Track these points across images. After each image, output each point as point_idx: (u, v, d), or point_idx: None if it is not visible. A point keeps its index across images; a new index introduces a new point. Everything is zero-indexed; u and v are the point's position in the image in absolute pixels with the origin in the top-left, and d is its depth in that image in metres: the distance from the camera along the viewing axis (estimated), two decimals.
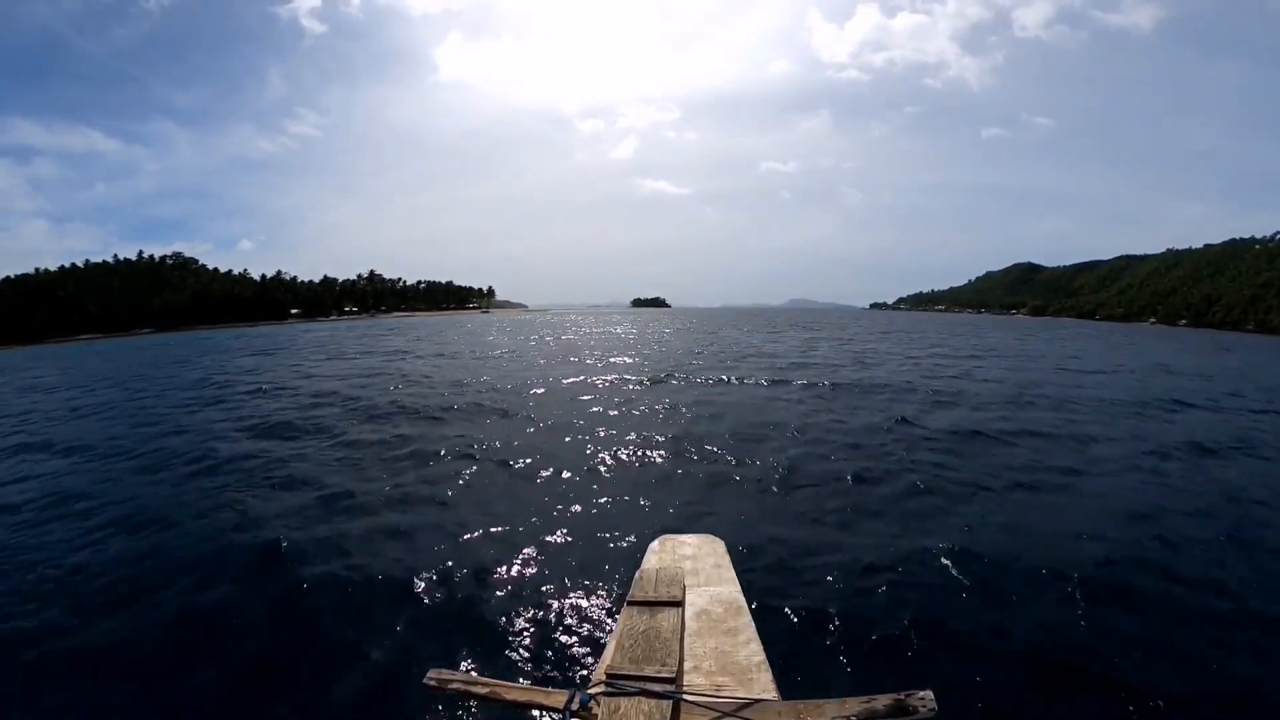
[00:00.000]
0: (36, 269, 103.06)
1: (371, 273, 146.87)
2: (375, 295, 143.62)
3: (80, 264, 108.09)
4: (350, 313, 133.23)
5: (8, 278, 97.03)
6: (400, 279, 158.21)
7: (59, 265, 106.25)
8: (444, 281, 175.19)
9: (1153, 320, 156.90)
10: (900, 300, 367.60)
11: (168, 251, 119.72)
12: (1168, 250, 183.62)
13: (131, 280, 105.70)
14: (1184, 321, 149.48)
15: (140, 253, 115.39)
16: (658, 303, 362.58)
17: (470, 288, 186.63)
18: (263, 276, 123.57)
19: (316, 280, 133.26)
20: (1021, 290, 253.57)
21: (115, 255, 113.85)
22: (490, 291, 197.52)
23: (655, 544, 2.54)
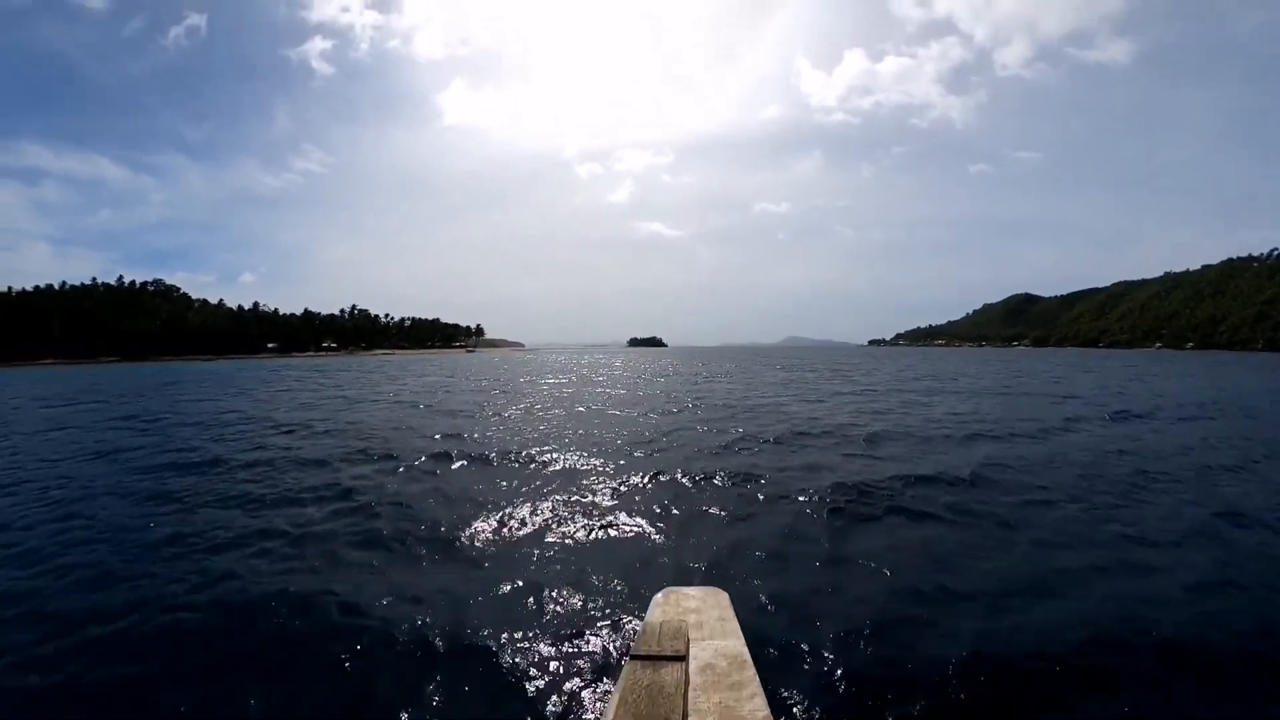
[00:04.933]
0: (9, 288, 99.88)
1: (354, 308, 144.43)
2: (357, 331, 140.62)
3: (56, 285, 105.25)
4: (329, 349, 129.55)
5: None
6: (388, 315, 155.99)
7: (34, 286, 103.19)
8: (430, 319, 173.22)
9: (1158, 344, 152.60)
10: (899, 336, 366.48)
11: (149, 278, 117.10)
12: (1165, 273, 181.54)
13: (108, 305, 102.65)
14: (1191, 345, 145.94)
15: (120, 277, 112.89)
16: (654, 342, 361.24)
17: (458, 325, 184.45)
18: (239, 307, 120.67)
19: (298, 313, 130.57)
20: (1019, 321, 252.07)
21: (94, 278, 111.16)
22: (479, 330, 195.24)
23: (659, 596, 2.14)
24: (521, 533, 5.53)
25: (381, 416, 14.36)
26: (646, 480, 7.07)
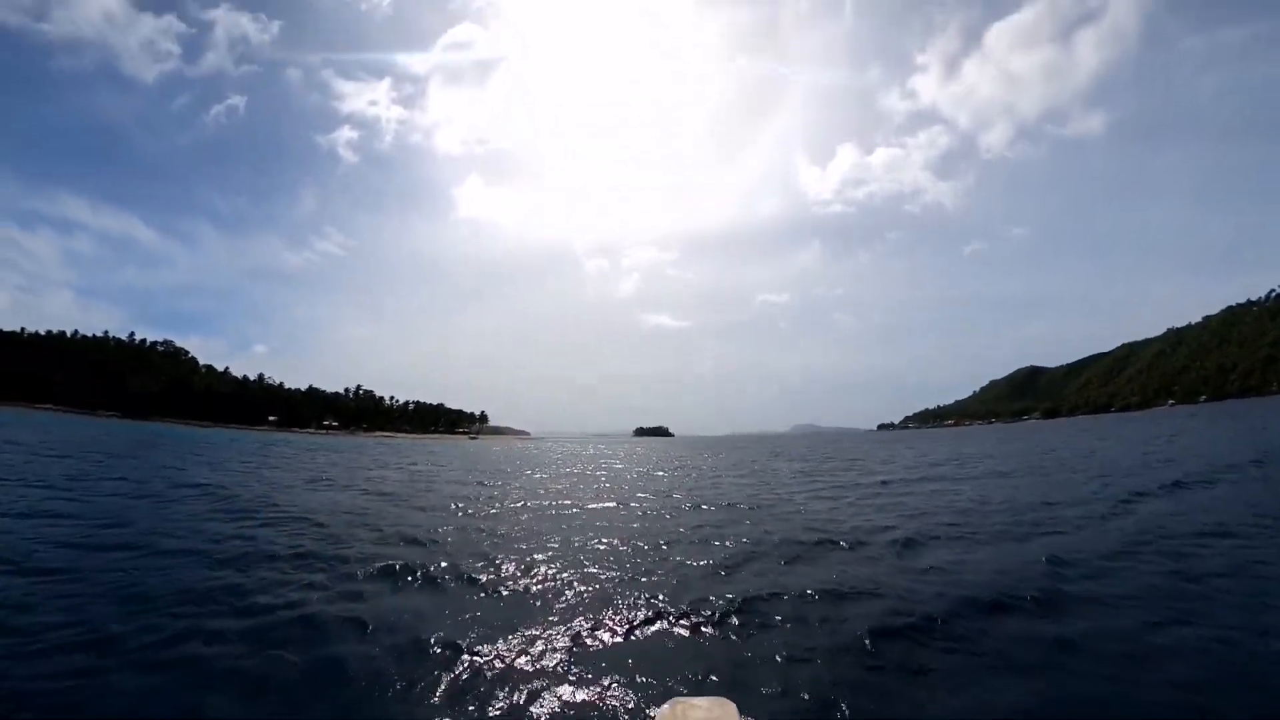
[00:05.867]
0: (22, 328, 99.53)
1: (359, 388, 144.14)
2: (360, 411, 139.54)
3: (68, 333, 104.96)
4: (330, 428, 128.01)
5: None
6: (393, 397, 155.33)
7: (46, 330, 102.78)
8: (434, 403, 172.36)
9: (1171, 402, 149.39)
10: (908, 419, 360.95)
11: (161, 338, 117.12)
12: (1168, 330, 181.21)
13: (116, 359, 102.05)
14: (1204, 397, 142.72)
15: (132, 334, 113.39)
16: (661, 431, 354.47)
17: (461, 411, 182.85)
18: (244, 377, 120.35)
19: (302, 389, 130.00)
20: (1027, 394, 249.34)
21: (105, 331, 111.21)
22: (483, 416, 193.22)
23: (665, 708, 2.35)
24: (446, 690, 4.00)
25: (346, 508, 12.82)
26: (632, 615, 5.45)
